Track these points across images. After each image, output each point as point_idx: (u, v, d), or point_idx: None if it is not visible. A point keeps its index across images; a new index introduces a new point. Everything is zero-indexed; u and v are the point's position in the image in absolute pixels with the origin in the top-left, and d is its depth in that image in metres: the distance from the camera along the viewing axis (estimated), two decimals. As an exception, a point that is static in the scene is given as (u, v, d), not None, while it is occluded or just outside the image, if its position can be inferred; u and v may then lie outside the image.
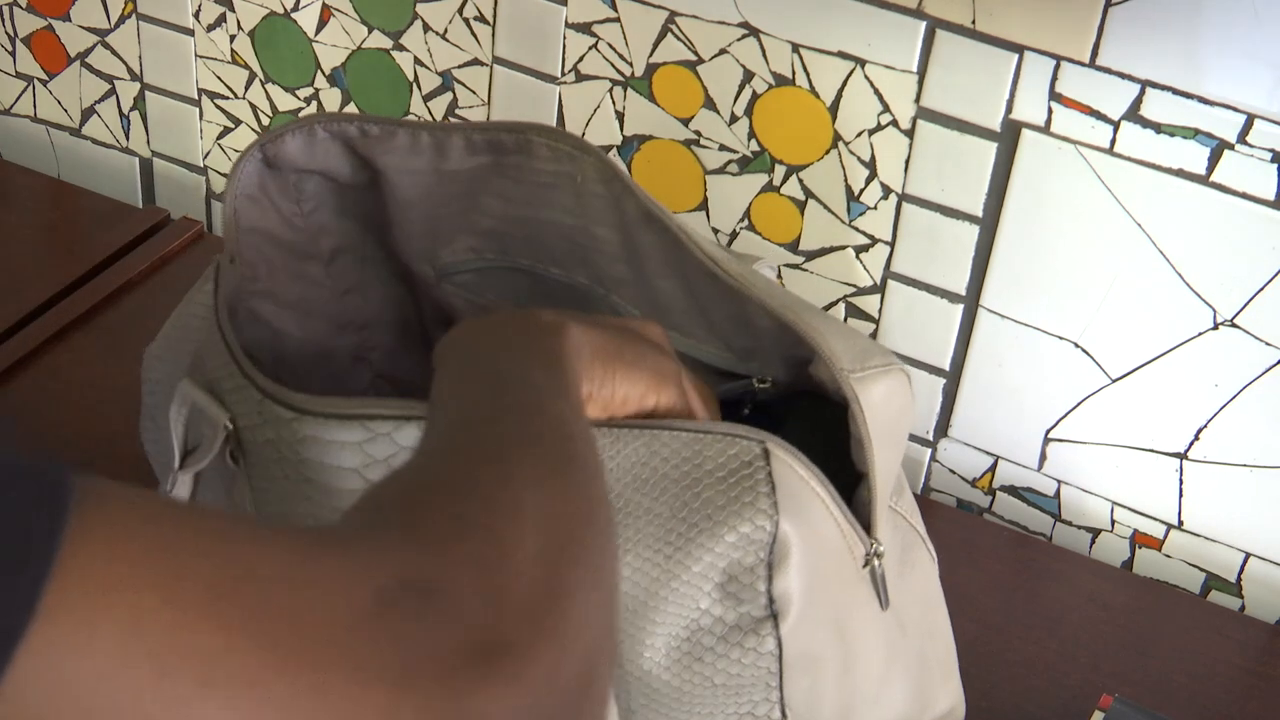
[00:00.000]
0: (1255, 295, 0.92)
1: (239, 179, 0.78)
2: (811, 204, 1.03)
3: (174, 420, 0.72)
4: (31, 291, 1.12)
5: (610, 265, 0.79)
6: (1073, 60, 0.90)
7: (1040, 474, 1.05)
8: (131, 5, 1.21)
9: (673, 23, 1.01)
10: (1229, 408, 0.96)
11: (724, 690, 0.71)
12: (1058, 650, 0.94)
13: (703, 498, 0.67)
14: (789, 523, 0.67)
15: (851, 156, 1.00)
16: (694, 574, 0.68)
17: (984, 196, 0.97)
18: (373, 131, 0.78)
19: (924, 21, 0.94)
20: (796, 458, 0.68)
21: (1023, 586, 1.00)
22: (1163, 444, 0.99)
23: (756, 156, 1.03)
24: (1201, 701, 0.92)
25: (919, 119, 0.97)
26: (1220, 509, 1.00)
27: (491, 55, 1.09)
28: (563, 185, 0.77)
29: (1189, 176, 0.91)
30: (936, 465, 1.08)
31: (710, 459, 0.68)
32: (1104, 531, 1.05)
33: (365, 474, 0.68)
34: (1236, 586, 1.02)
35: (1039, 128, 0.93)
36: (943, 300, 1.02)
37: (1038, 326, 0.99)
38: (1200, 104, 0.88)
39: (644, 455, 0.68)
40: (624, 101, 1.06)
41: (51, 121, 1.31)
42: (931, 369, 1.05)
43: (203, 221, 1.24)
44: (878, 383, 0.72)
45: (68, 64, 1.27)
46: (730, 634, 0.69)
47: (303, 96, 1.18)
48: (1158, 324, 0.96)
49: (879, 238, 1.02)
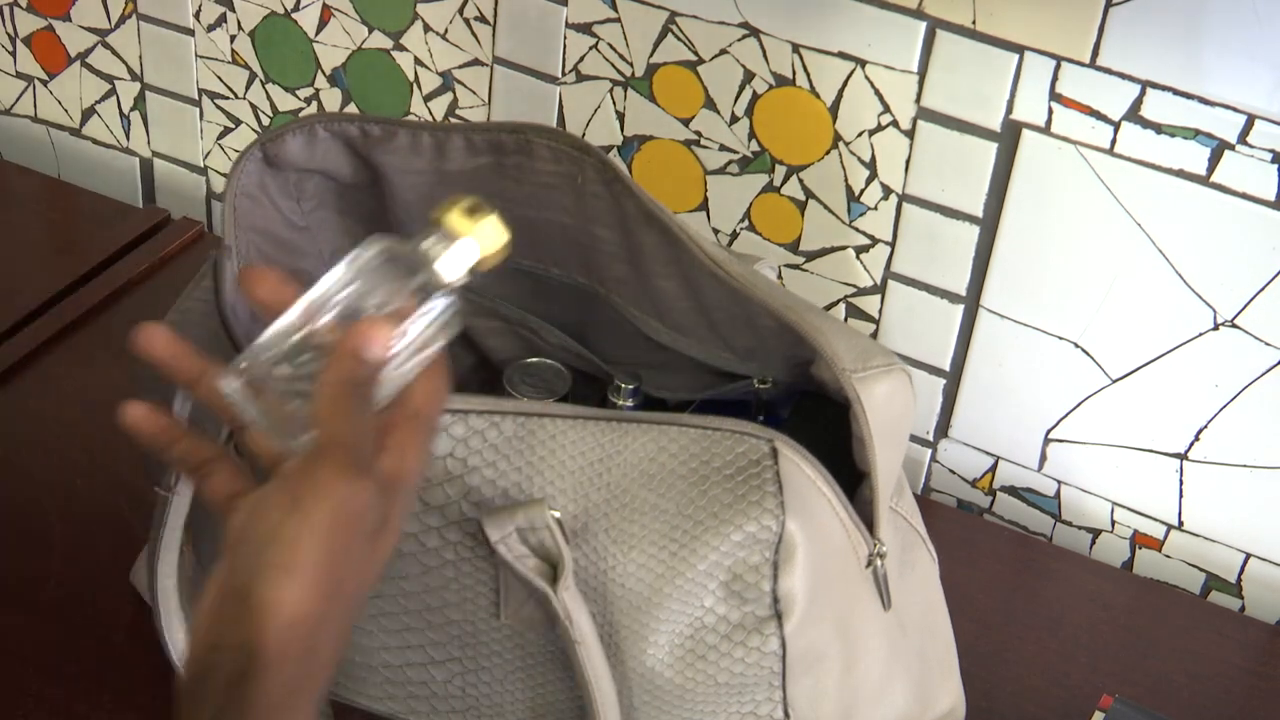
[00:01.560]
0: (1255, 296, 0.92)
1: (239, 178, 0.78)
2: (812, 204, 1.03)
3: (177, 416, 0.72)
4: (31, 291, 1.12)
5: (611, 265, 0.79)
6: (1073, 60, 0.90)
7: (1040, 474, 1.05)
8: (132, 5, 1.21)
9: (673, 23, 1.01)
10: (1229, 408, 0.96)
11: (727, 689, 0.71)
12: (1058, 650, 0.94)
13: (710, 495, 0.68)
14: (795, 522, 0.67)
15: (852, 157, 1.00)
16: (699, 572, 0.68)
17: (984, 197, 0.97)
18: (373, 132, 0.78)
19: (924, 22, 0.94)
20: (804, 457, 0.68)
21: (1023, 586, 1.00)
22: (1163, 444, 0.99)
23: (757, 157, 1.03)
24: (1201, 702, 0.92)
25: (919, 119, 0.97)
26: (1220, 509, 1.00)
27: (492, 55, 1.09)
28: (563, 186, 0.77)
29: (1189, 177, 0.91)
30: (937, 465, 1.08)
31: (718, 456, 0.68)
32: (1104, 532, 1.05)
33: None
34: (1236, 587, 1.02)
35: (1039, 128, 0.93)
36: (943, 300, 1.02)
37: (1038, 327, 1.00)
38: (1201, 104, 0.88)
39: (652, 451, 0.69)
40: (624, 102, 1.06)
41: (52, 121, 1.31)
42: (932, 369, 1.05)
43: (203, 221, 1.24)
44: (879, 383, 0.72)
45: (68, 64, 1.27)
46: (734, 633, 0.69)
47: (303, 97, 1.18)
48: (1158, 324, 0.96)
49: (879, 238, 1.02)
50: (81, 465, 0.99)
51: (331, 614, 0.57)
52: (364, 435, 0.59)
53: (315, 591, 0.56)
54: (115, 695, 0.85)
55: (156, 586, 0.75)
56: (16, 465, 0.99)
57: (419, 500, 0.69)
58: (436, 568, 0.71)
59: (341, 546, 0.57)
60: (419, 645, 0.74)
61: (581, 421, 0.70)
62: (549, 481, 0.69)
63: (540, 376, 0.83)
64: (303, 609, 0.55)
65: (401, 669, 0.75)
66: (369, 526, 0.58)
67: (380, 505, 0.59)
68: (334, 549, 0.56)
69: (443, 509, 0.69)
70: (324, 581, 0.56)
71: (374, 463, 0.59)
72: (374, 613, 0.73)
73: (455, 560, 0.71)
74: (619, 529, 0.68)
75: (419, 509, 0.70)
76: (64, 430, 1.02)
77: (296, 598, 0.55)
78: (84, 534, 0.95)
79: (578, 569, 0.69)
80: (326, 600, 0.56)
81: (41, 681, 0.86)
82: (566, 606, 0.68)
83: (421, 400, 0.61)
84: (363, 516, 0.58)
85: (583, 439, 0.70)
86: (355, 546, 0.57)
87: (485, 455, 0.69)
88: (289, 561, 0.56)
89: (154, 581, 0.75)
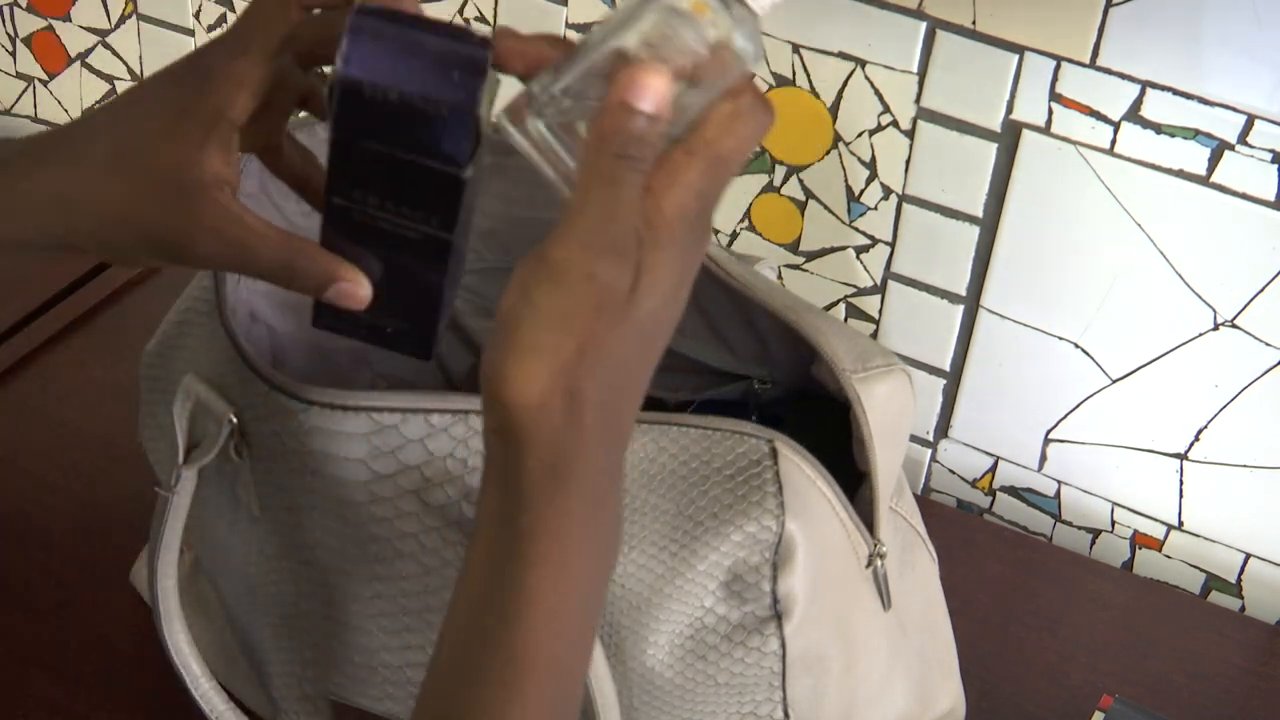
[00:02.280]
0: (1256, 296, 0.92)
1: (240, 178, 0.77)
2: (812, 204, 1.03)
3: (177, 416, 0.72)
4: (31, 291, 1.12)
5: (611, 265, 0.79)
6: (1073, 61, 0.90)
7: (1040, 474, 1.05)
8: (132, 5, 1.21)
9: (673, 23, 1.01)
10: (1229, 408, 0.96)
11: (727, 689, 0.71)
12: (1058, 650, 0.94)
13: (710, 495, 0.68)
14: (795, 523, 0.67)
15: (852, 157, 1.00)
16: (699, 572, 0.68)
17: (984, 197, 0.97)
18: (375, 131, 0.77)
19: (924, 22, 0.94)
20: (804, 457, 0.68)
21: (1023, 586, 1.00)
22: (1163, 445, 0.99)
23: (757, 157, 1.03)
24: (1201, 702, 0.92)
25: (919, 119, 0.97)
26: (1220, 510, 1.00)
27: (492, 56, 1.09)
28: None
29: (1189, 177, 0.91)
30: (937, 466, 1.08)
31: (718, 456, 0.68)
32: (1104, 532, 1.05)
33: (371, 465, 0.68)
34: (1237, 587, 1.02)
35: (1039, 128, 0.93)
36: (943, 301, 1.02)
37: (1038, 327, 1.00)
38: (1200, 105, 0.88)
39: (652, 451, 0.69)
40: (624, 102, 1.06)
41: (52, 122, 1.31)
42: (932, 369, 1.05)
43: (202, 222, 1.24)
44: (879, 383, 0.72)
45: (68, 64, 1.27)
46: (734, 633, 0.69)
47: (303, 97, 1.18)
48: (1158, 324, 0.96)
49: (879, 238, 1.02)
50: (81, 465, 0.99)
51: (587, 389, 0.52)
52: (628, 206, 0.51)
53: (558, 369, 0.51)
54: (115, 695, 0.85)
55: (156, 586, 0.75)
56: (16, 465, 0.99)
57: (419, 500, 0.69)
58: (437, 568, 0.71)
59: (584, 326, 0.51)
60: (419, 645, 0.74)
61: (581, 422, 0.70)
62: (549, 481, 0.69)
63: (540, 376, 0.82)
64: (546, 386, 0.51)
65: (401, 669, 0.75)
66: (619, 298, 0.51)
67: (633, 255, 0.51)
68: (577, 328, 0.51)
69: (443, 509, 0.69)
70: (568, 357, 0.51)
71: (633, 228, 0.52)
72: (374, 613, 0.73)
73: (455, 560, 0.71)
74: (619, 529, 0.68)
75: (419, 509, 0.70)
76: (64, 430, 1.02)
77: (538, 376, 0.51)
78: (84, 534, 0.95)
79: (578, 569, 0.69)
80: (575, 377, 0.52)
81: (41, 681, 0.86)
82: (567, 606, 0.68)
83: (714, 131, 0.52)
84: (612, 291, 0.51)
85: (583, 439, 0.69)
86: (604, 320, 0.52)
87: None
88: (523, 343, 0.51)
89: (154, 581, 0.75)
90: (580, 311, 0.51)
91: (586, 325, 0.51)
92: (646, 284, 0.52)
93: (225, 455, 0.71)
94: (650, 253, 0.52)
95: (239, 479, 0.73)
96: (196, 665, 0.76)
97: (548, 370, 0.52)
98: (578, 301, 0.51)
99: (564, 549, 0.54)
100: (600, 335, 0.52)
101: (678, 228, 0.52)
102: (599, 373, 0.52)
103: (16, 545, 0.94)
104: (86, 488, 0.98)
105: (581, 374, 0.52)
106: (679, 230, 0.53)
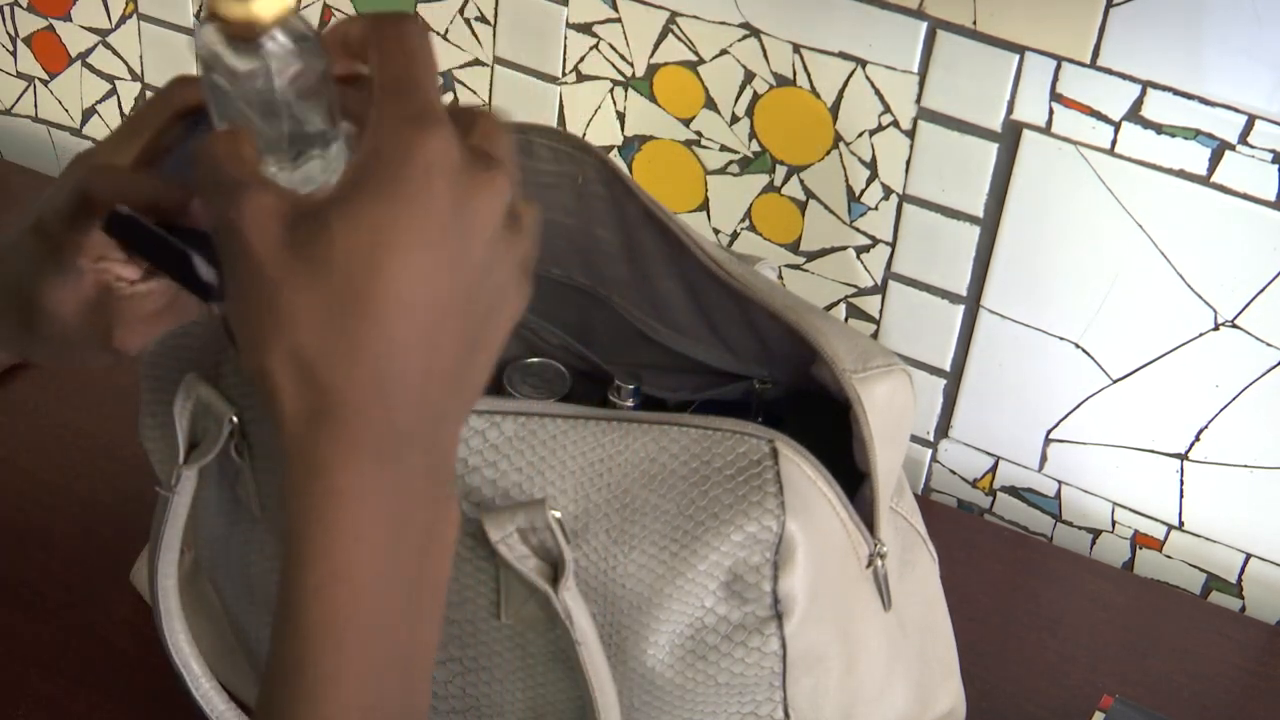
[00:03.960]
0: (1256, 296, 0.92)
1: None
2: (812, 204, 1.03)
3: (178, 415, 0.72)
4: (32, 291, 1.12)
5: (611, 266, 0.79)
6: (1073, 61, 0.90)
7: (1041, 474, 1.05)
8: (132, 5, 1.21)
9: (674, 23, 1.01)
10: (1229, 408, 0.96)
11: (727, 689, 0.71)
12: (1058, 650, 0.94)
13: (710, 496, 0.68)
14: (795, 523, 0.67)
15: (852, 157, 1.00)
16: (699, 572, 0.68)
17: (985, 197, 0.97)
18: (375, 131, 0.78)
19: (925, 22, 0.94)
20: (804, 457, 0.68)
21: (1023, 586, 1.00)
22: (1163, 445, 1.00)
23: (757, 157, 1.03)
24: (1202, 702, 0.92)
25: (920, 119, 0.97)
26: (1221, 510, 1.00)
27: (492, 55, 1.09)
28: (564, 186, 0.77)
29: (1190, 177, 0.91)
30: (937, 466, 1.08)
31: (719, 456, 0.68)
32: (1104, 532, 1.05)
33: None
34: (1237, 587, 1.02)
35: (1040, 128, 0.93)
36: (943, 301, 1.02)
37: (1038, 327, 1.00)
38: (1201, 105, 0.88)
39: (653, 451, 0.69)
40: (625, 102, 1.06)
41: (52, 121, 1.31)
42: (932, 369, 1.05)
43: (203, 222, 1.24)
44: (880, 383, 0.72)
45: (68, 64, 1.27)
46: (734, 633, 0.69)
47: (303, 97, 1.18)
48: (1158, 325, 0.96)
49: (880, 238, 1.02)
50: (81, 465, 0.99)
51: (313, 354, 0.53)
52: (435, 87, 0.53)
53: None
54: (115, 695, 0.85)
55: (156, 586, 0.75)
56: (16, 465, 0.99)
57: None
58: (437, 568, 0.71)
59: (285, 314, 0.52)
60: (419, 645, 0.74)
61: (582, 421, 0.70)
62: (549, 481, 0.69)
63: (540, 376, 0.83)
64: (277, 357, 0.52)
65: (402, 669, 0.75)
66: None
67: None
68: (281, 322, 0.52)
69: (443, 509, 0.69)
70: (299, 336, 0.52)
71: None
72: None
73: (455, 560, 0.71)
74: (619, 529, 0.68)
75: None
76: (64, 430, 1.02)
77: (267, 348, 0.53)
78: (84, 534, 0.95)
79: (578, 569, 0.69)
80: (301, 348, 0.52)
81: (41, 681, 0.86)
82: (567, 607, 0.68)
83: (395, 71, 0.54)
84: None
85: (583, 439, 0.70)
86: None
87: (486, 455, 0.69)
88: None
89: (154, 581, 0.75)
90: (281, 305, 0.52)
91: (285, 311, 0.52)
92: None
93: (226, 455, 0.71)
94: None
95: (240, 479, 0.73)
96: (197, 665, 0.76)
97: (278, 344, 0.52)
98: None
99: (341, 511, 0.53)
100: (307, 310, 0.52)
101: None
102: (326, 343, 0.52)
103: (16, 545, 0.94)
104: (86, 488, 0.98)
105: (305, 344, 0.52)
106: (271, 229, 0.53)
